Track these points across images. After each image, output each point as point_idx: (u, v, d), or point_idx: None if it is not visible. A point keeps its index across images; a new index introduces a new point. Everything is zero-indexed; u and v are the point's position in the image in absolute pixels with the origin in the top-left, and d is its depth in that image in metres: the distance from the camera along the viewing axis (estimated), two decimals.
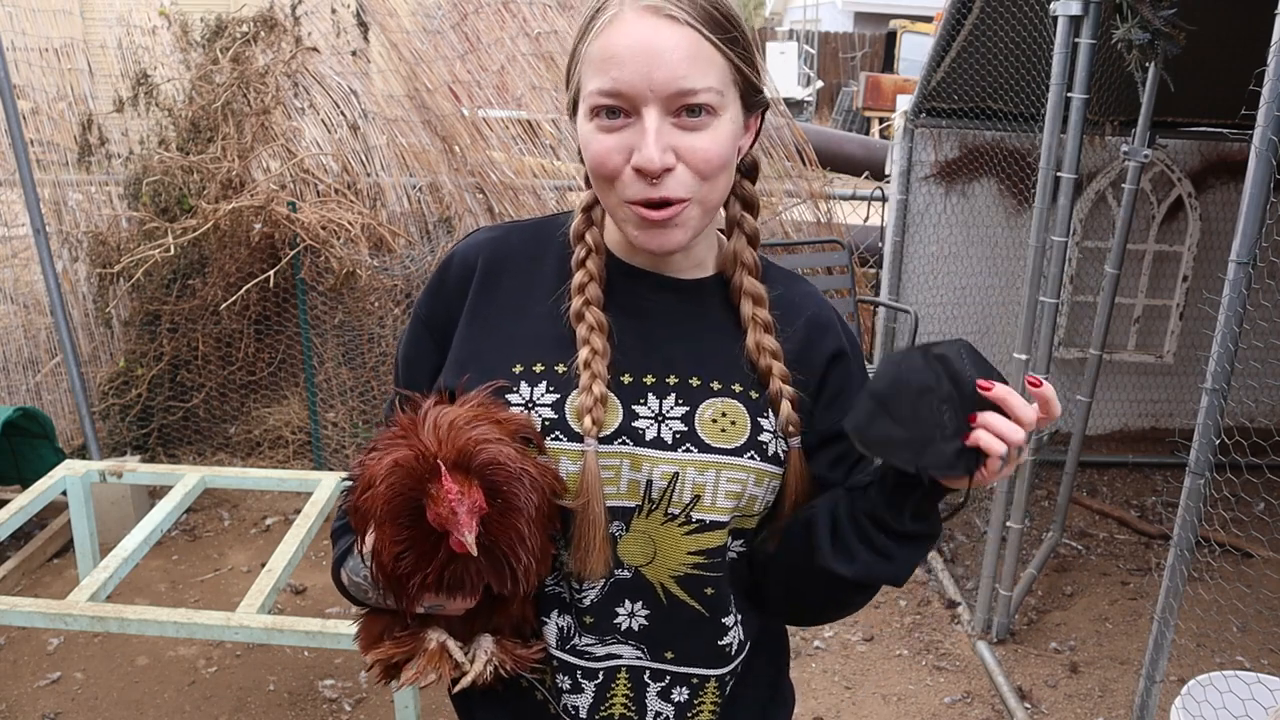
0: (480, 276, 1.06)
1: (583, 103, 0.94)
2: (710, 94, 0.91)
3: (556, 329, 1.02)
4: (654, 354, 1.02)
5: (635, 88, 0.89)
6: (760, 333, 1.03)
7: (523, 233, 1.10)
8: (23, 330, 4.49)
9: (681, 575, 1.01)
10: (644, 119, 0.90)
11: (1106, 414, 4.91)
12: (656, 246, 0.97)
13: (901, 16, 17.49)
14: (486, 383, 0.99)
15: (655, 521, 1.00)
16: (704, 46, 0.90)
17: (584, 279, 1.02)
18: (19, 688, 2.98)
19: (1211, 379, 1.98)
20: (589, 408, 0.97)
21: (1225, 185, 4.57)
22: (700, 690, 1.05)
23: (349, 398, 4.39)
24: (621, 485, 0.99)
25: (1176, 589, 2.15)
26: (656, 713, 1.05)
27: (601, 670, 1.03)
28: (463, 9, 4.79)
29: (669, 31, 0.89)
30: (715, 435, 1.00)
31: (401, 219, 4.41)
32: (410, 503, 0.89)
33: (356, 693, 2.98)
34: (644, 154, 0.90)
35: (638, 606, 1.02)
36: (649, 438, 0.99)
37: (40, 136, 4.52)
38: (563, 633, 1.03)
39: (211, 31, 4.60)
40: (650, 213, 0.94)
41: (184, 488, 2.92)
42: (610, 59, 0.90)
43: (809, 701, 3.00)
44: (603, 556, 0.97)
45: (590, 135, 0.93)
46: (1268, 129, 1.81)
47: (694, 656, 1.04)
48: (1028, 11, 3.19)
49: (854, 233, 4.94)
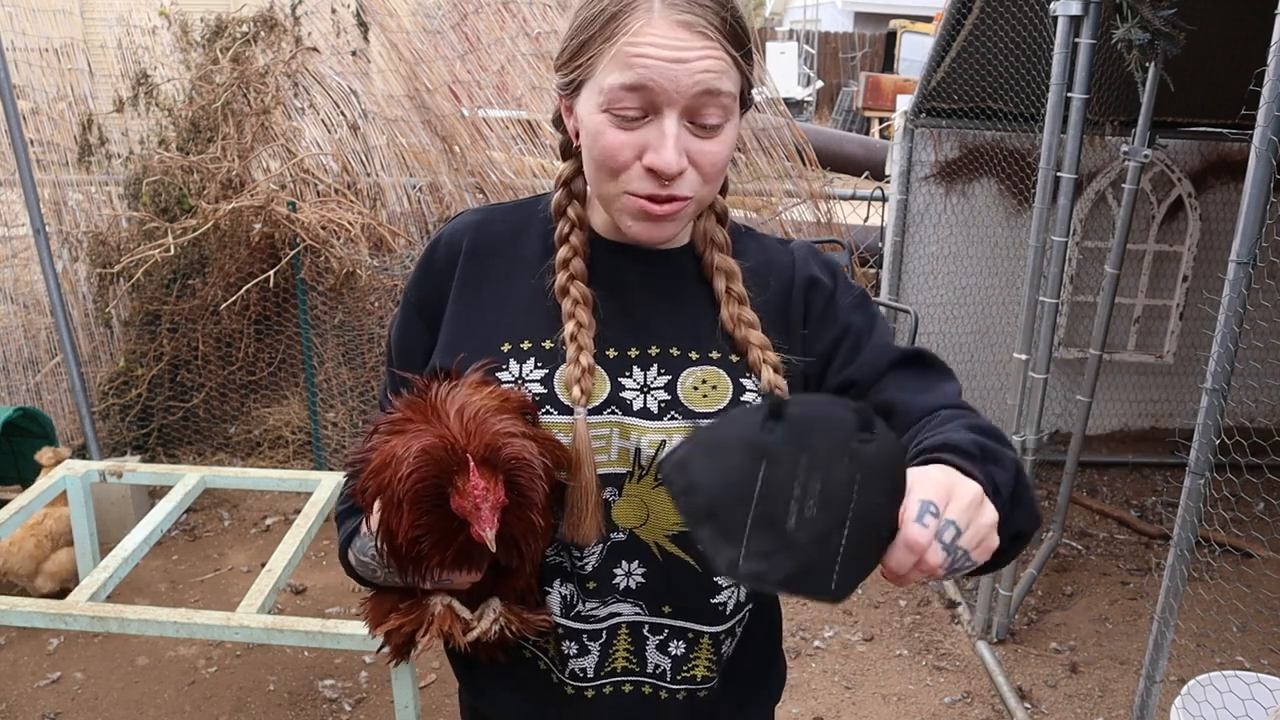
0: (466, 257, 1.09)
1: (596, 91, 0.95)
2: (727, 99, 0.95)
3: (542, 305, 1.05)
4: (636, 327, 1.05)
5: (662, 87, 0.92)
6: (735, 306, 1.05)
7: (506, 213, 1.13)
8: (23, 330, 4.49)
9: (675, 534, 1.04)
10: (663, 121, 0.93)
11: (1106, 414, 4.91)
12: (650, 239, 1.00)
13: (901, 16, 17.50)
14: (476, 362, 1.02)
15: (646, 486, 1.03)
16: (727, 60, 0.94)
17: (567, 254, 1.04)
18: (19, 688, 2.98)
19: (1211, 379, 1.98)
20: (577, 378, 1.00)
21: (1225, 185, 4.57)
22: (695, 645, 1.08)
23: (349, 398, 4.39)
24: (612, 453, 1.02)
25: (1176, 589, 2.15)
26: (655, 665, 1.08)
27: (604, 630, 1.07)
28: (463, 9, 4.79)
29: (700, 44, 0.92)
30: (698, 401, 1.02)
31: (401, 219, 4.42)
32: (434, 489, 0.91)
33: (356, 693, 2.98)
34: (662, 157, 0.93)
35: (634, 566, 1.05)
36: (636, 408, 1.02)
37: (40, 136, 4.53)
38: (566, 601, 1.06)
39: (211, 31, 4.60)
40: (655, 207, 0.96)
41: (184, 488, 2.92)
42: (639, 57, 0.92)
43: (809, 701, 3.00)
44: (595, 522, 1.00)
45: (602, 126, 0.95)
46: (1268, 129, 1.81)
47: (690, 611, 1.07)
48: (1028, 11, 3.19)
49: (854, 233, 4.95)
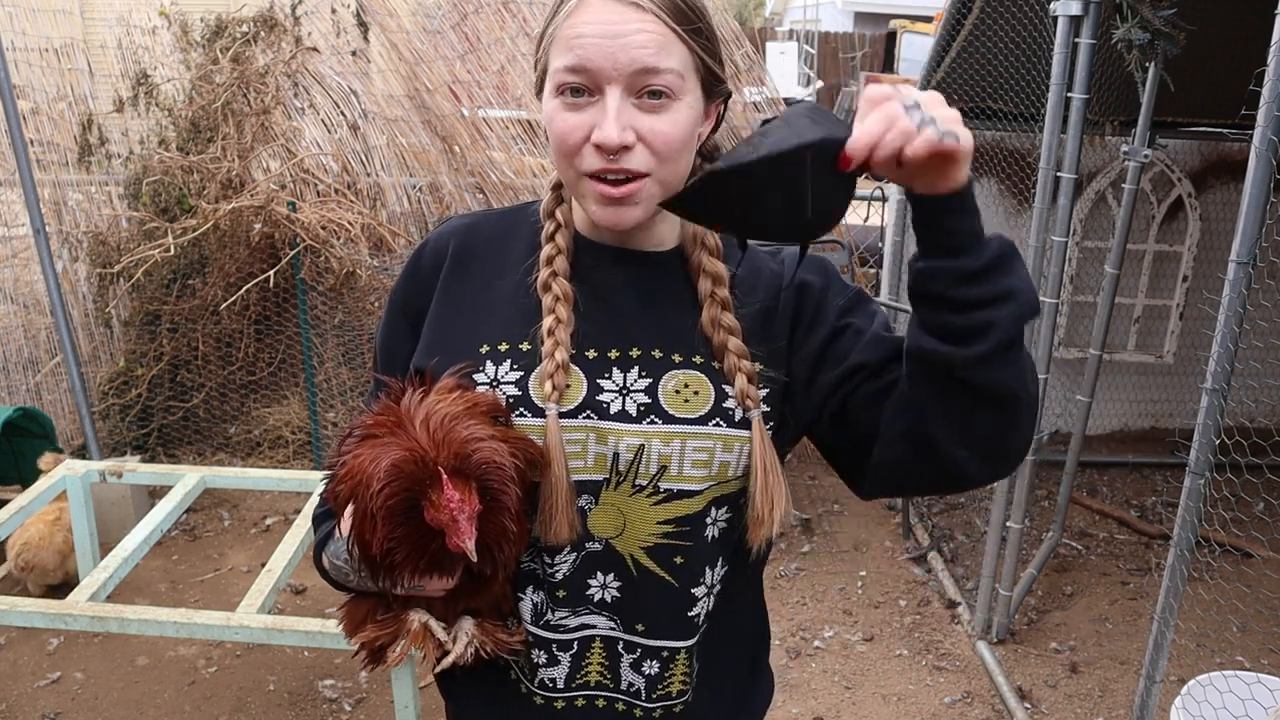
0: (451, 262, 1.09)
1: (549, 80, 0.98)
2: (671, 76, 0.95)
3: (523, 305, 1.05)
4: (617, 328, 1.05)
5: (599, 66, 0.93)
6: (716, 309, 1.04)
7: (494, 220, 1.14)
8: (23, 330, 4.49)
9: (650, 546, 1.03)
10: (606, 97, 0.94)
11: (1106, 414, 4.91)
12: (614, 223, 1.00)
13: (901, 16, 17.47)
14: (454, 364, 1.02)
15: (624, 493, 1.02)
16: (667, 33, 0.94)
17: (552, 251, 1.05)
18: (19, 688, 2.98)
19: (1211, 379, 1.97)
20: (550, 373, 1.00)
21: (1225, 185, 4.57)
22: (670, 663, 1.08)
23: (349, 398, 4.40)
24: (588, 459, 1.01)
25: (1176, 589, 2.15)
26: (629, 683, 1.08)
27: (576, 640, 1.06)
28: (463, 9, 4.79)
29: (634, 16, 0.94)
30: (679, 406, 1.02)
31: (401, 219, 4.42)
32: (406, 503, 0.90)
33: (356, 693, 2.98)
34: (604, 131, 0.94)
35: (609, 578, 1.04)
36: (614, 411, 1.01)
37: (40, 136, 4.52)
38: (537, 608, 1.06)
39: (211, 31, 4.60)
40: (610, 189, 0.97)
41: (184, 488, 2.92)
42: (577, 38, 0.94)
43: (809, 701, 3.00)
44: (567, 521, 1.00)
45: (554, 112, 0.97)
46: (1268, 129, 1.81)
47: (663, 629, 1.06)
48: (1028, 11, 3.19)
49: (854, 233, 4.94)
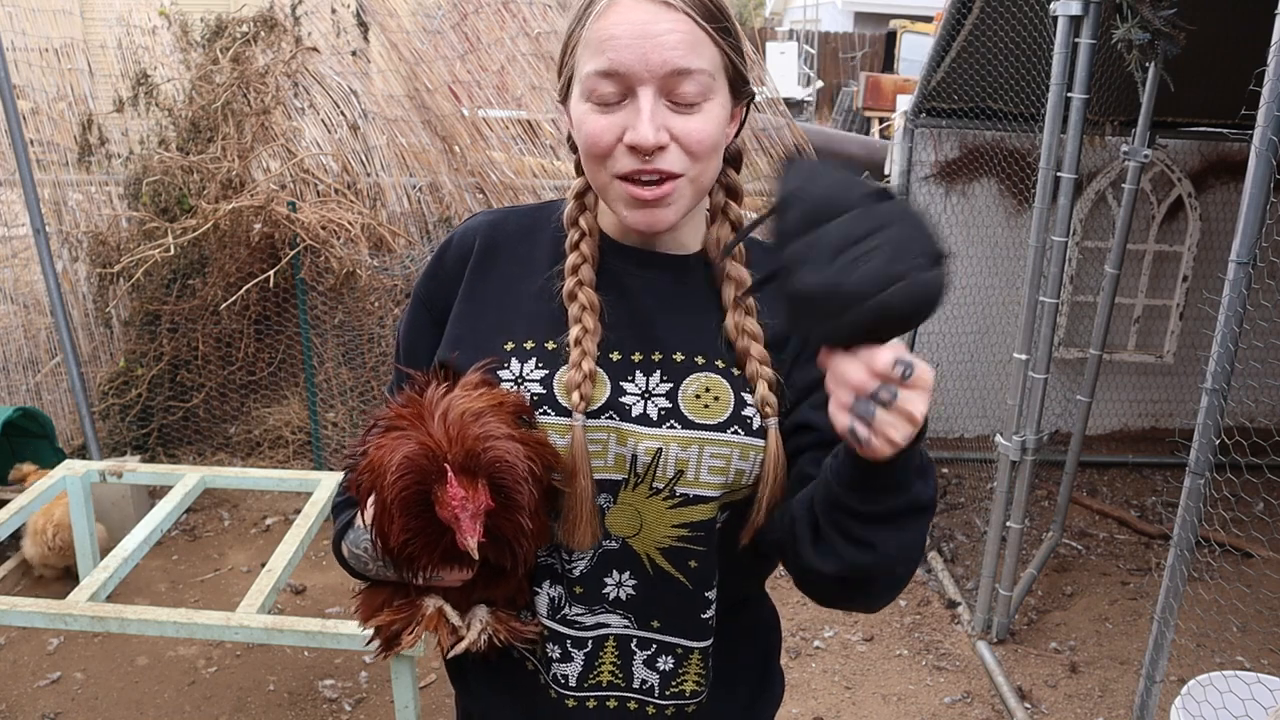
0: (476, 257, 1.09)
1: (578, 84, 0.98)
2: (703, 76, 0.94)
3: (548, 307, 1.05)
4: (641, 331, 1.05)
5: (632, 68, 0.92)
6: (740, 315, 1.04)
7: (519, 216, 1.14)
8: (23, 330, 4.49)
9: (666, 547, 1.03)
10: (639, 99, 0.93)
11: (1106, 414, 4.91)
12: (647, 225, 0.99)
13: (901, 16, 17.47)
14: (478, 359, 1.02)
15: (640, 495, 1.02)
16: (697, 32, 0.94)
17: (577, 260, 1.05)
18: (19, 688, 2.98)
19: (1211, 379, 1.97)
20: (578, 383, 0.99)
21: (1225, 185, 4.57)
22: (684, 661, 1.07)
23: (349, 398, 4.39)
24: (609, 459, 1.02)
25: (1176, 589, 2.15)
26: (642, 680, 1.07)
27: (590, 639, 1.06)
28: (463, 9, 4.79)
29: (665, 16, 0.93)
30: (699, 411, 1.01)
31: (401, 219, 4.41)
32: (420, 495, 0.92)
33: (356, 693, 2.98)
34: (639, 131, 0.93)
35: (625, 577, 1.04)
36: (635, 414, 1.01)
37: (40, 136, 4.52)
38: (554, 603, 1.07)
39: (211, 31, 4.60)
40: (643, 191, 0.96)
41: (184, 488, 2.92)
42: (608, 40, 0.93)
43: (809, 701, 3.00)
44: (590, 529, 1.00)
45: (585, 115, 0.97)
46: (1268, 129, 1.81)
47: (678, 627, 1.06)
48: (1028, 11, 3.19)
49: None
